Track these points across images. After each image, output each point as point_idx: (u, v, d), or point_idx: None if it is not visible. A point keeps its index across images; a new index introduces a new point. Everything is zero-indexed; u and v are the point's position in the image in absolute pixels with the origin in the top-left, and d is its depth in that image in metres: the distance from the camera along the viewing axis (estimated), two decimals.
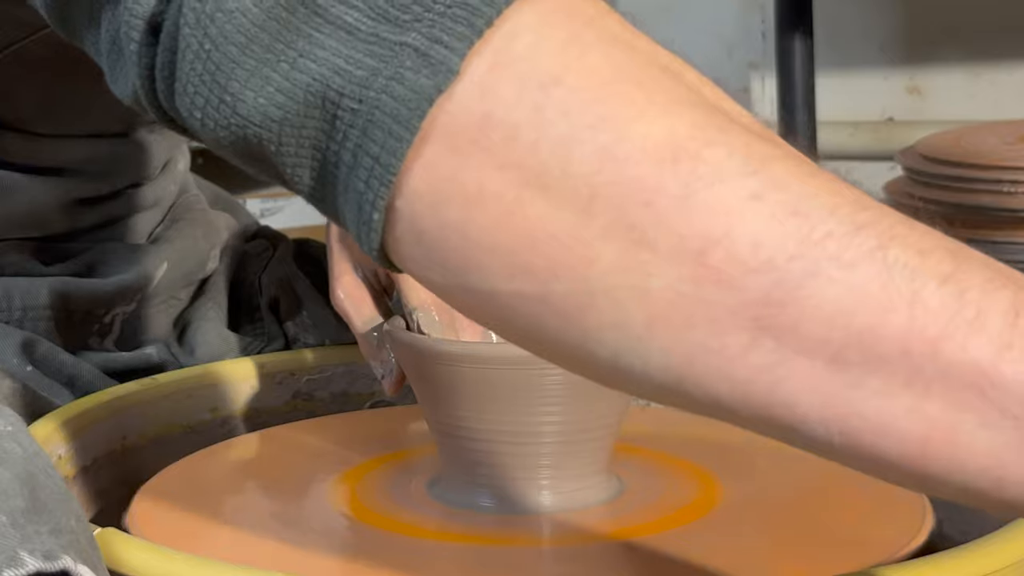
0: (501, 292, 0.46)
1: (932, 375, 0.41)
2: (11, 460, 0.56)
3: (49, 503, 0.56)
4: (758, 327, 0.43)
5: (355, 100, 0.46)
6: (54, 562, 0.52)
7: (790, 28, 1.95)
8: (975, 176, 1.45)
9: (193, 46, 0.48)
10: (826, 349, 0.42)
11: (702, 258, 0.43)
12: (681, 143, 0.44)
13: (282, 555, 0.65)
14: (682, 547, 0.65)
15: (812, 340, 0.42)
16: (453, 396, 0.69)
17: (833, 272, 0.42)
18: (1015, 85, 1.97)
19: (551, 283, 0.45)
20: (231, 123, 0.48)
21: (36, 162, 0.89)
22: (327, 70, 0.46)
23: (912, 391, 0.42)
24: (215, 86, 0.48)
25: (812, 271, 0.42)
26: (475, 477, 0.70)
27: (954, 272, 0.42)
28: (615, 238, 0.44)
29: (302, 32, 0.47)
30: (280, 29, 0.47)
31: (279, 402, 0.89)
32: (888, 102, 2.07)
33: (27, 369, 0.84)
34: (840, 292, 0.42)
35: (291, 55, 0.47)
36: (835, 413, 0.43)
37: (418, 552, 0.66)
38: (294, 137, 0.48)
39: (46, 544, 0.53)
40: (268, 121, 0.48)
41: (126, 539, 0.60)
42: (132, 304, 0.93)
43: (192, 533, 0.67)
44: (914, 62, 2.04)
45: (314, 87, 0.46)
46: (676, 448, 0.78)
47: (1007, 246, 1.44)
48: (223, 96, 0.48)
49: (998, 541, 0.58)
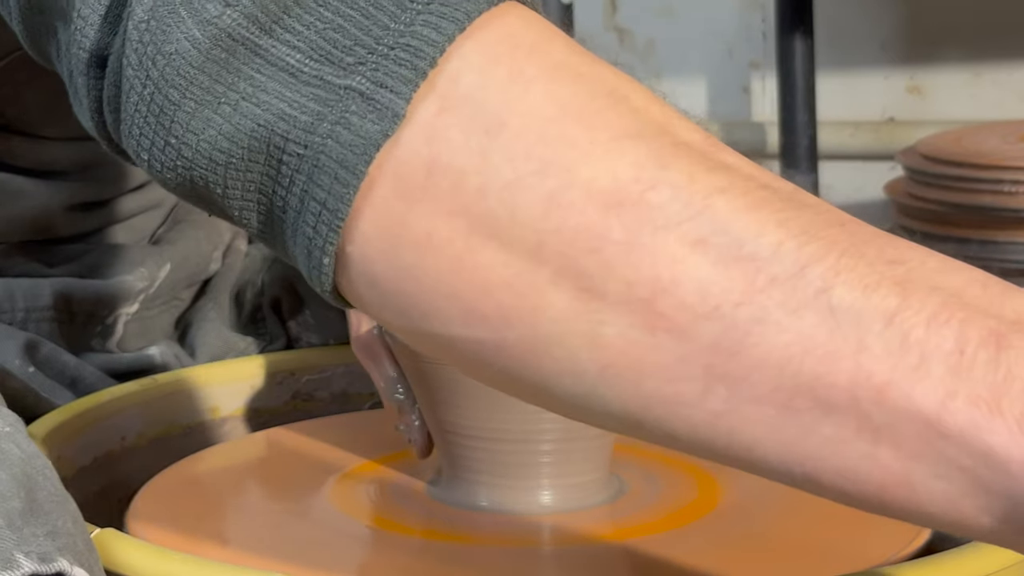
0: (459, 338, 0.46)
1: (881, 423, 0.41)
2: (8, 462, 0.56)
3: (46, 505, 0.56)
4: (710, 375, 0.43)
5: (300, 145, 0.46)
6: (50, 564, 0.52)
7: (790, 28, 1.95)
8: (976, 176, 1.45)
9: (136, 87, 0.48)
10: (777, 397, 0.42)
11: (651, 305, 0.43)
12: (624, 187, 0.44)
13: (282, 555, 0.65)
14: (682, 548, 0.65)
15: (763, 388, 0.42)
16: (453, 397, 0.69)
17: (780, 319, 0.42)
18: (1016, 85, 1.97)
19: (505, 330, 0.45)
20: (177, 165, 0.48)
21: (42, 165, 0.89)
22: (271, 115, 0.46)
23: (864, 438, 0.41)
24: (160, 128, 0.48)
25: (759, 318, 0.42)
26: (475, 477, 0.70)
27: (899, 309, 0.41)
28: (565, 285, 0.44)
29: (243, 73, 0.46)
30: (220, 71, 0.46)
31: (279, 402, 0.89)
32: (889, 102, 2.07)
33: (29, 370, 0.84)
34: (788, 340, 0.42)
35: (233, 97, 0.46)
36: (793, 457, 0.43)
37: (418, 553, 0.66)
38: (240, 180, 0.47)
39: (42, 546, 0.53)
40: (213, 164, 0.47)
41: (126, 539, 0.60)
42: (135, 305, 0.93)
43: (192, 533, 0.67)
44: (915, 62, 2.04)
45: (258, 132, 0.46)
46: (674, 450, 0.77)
47: (1007, 246, 1.44)
48: (168, 139, 0.48)
49: None
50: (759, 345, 0.42)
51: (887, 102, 2.07)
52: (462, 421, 0.69)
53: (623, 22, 2.26)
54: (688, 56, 2.22)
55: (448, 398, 0.69)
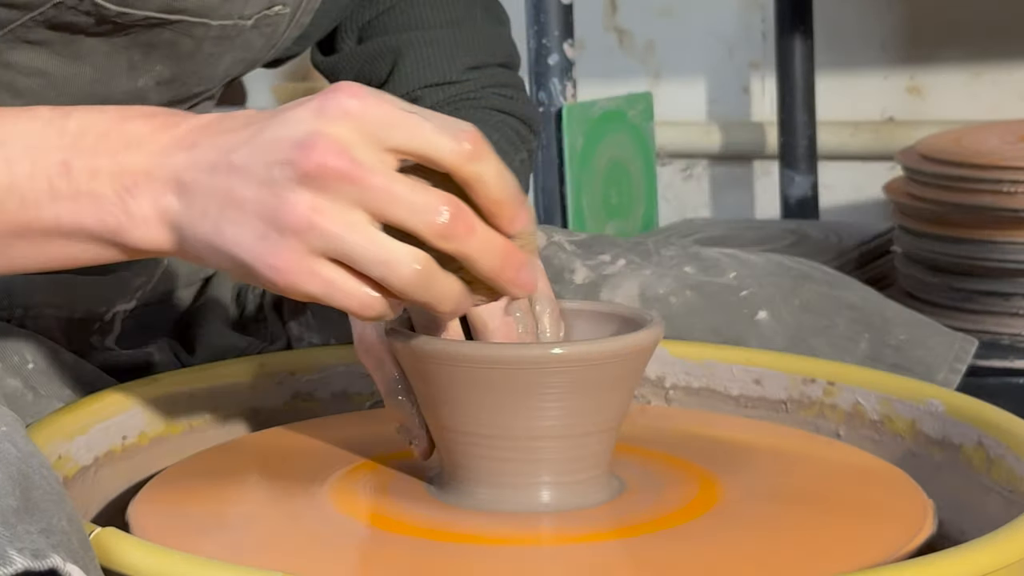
0: None
1: None
2: (5, 460, 0.57)
3: (42, 503, 0.56)
4: None
5: None
6: (43, 561, 0.52)
7: (790, 28, 1.96)
8: (975, 176, 1.46)
9: None
10: None
11: None
12: None
13: (282, 555, 0.65)
14: (682, 547, 0.65)
15: None
16: (453, 396, 0.69)
17: None
18: (1015, 85, 1.97)
19: None
20: None
21: None
22: None
23: None
24: None
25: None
26: (475, 476, 0.70)
27: None
28: None
29: None
30: None
31: (279, 402, 0.89)
32: (888, 102, 2.07)
33: (28, 368, 0.84)
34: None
35: None
36: None
37: (418, 551, 0.66)
38: None
39: (36, 543, 0.53)
40: None
41: (126, 539, 0.60)
42: (132, 302, 0.93)
43: (192, 533, 0.67)
44: (914, 62, 2.04)
45: None
46: (676, 448, 0.78)
47: (1007, 246, 1.44)
48: None
49: (998, 541, 0.58)
50: None
51: (886, 102, 2.07)
52: (462, 421, 0.69)
53: (623, 22, 2.26)
54: (688, 56, 2.22)
55: (449, 398, 0.69)
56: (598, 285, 0.92)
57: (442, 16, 0.99)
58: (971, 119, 1.92)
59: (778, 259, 0.95)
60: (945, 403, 0.76)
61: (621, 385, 0.70)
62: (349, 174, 0.59)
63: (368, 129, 0.59)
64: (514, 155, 0.99)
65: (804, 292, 0.90)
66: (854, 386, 0.81)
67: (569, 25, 1.62)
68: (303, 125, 0.60)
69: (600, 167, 1.73)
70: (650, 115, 1.85)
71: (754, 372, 0.85)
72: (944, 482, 0.74)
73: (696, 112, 2.23)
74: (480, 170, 0.60)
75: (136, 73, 0.85)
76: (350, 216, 0.59)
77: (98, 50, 0.81)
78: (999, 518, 0.68)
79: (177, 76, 0.88)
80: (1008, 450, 0.71)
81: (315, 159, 0.59)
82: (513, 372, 0.67)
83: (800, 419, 0.83)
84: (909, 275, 1.56)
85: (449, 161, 0.60)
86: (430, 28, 0.99)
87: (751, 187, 2.21)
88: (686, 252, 0.95)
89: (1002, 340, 1.46)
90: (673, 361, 0.87)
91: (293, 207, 0.59)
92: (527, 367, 0.67)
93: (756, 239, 1.75)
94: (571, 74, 1.63)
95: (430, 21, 0.99)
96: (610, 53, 2.27)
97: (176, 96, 0.89)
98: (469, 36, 1.00)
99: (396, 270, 0.59)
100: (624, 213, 1.80)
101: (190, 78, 0.89)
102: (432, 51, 0.98)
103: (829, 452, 0.78)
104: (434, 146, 0.60)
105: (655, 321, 0.71)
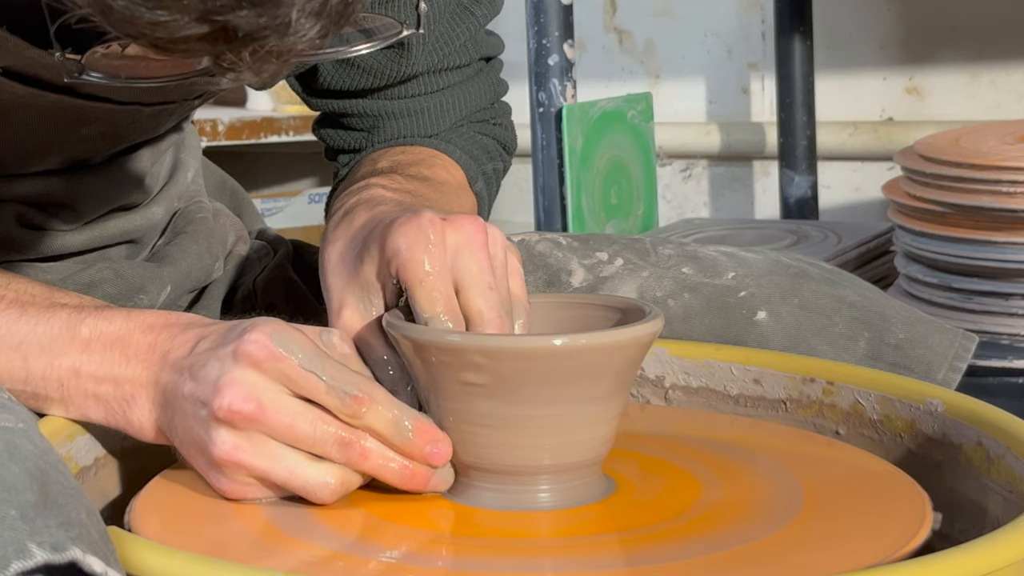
0: None
1: None
2: (22, 456, 0.58)
3: (60, 498, 0.57)
4: None
5: None
6: (62, 553, 0.53)
7: (789, 29, 1.96)
8: (974, 176, 1.46)
9: None
10: None
11: None
12: None
13: (283, 554, 0.65)
14: (679, 546, 0.65)
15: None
16: (453, 389, 0.69)
17: None
18: (1014, 85, 1.98)
19: None
20: None
21: None
22: None
23: None
24: None
25: None
26: (475, 473, 0.70)
27: None
28: None
29: None
30: None
31: None
32: (887, 102, 2.07)
33: None
34: None
35: None
36: None
37: (419, 551, 0.66)
38: None
39: (55, 536, 0.54)
40: None
41: (127, 538, 0.60)
42: None
43: (192, 533, 0.67)
44: (913, 62, 2.04)
45: None
46: (674, 447, 0.78)
47: (1006, 246, 1.45)
48: None
49: (998, 541, 0.58)
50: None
51: (885, 103, 2.07)
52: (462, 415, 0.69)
53: (623, 23, 2.27)
54: (687, 57, 2.22)
55: (451, 399, 0.69)
56: (596, 287, 0.92)
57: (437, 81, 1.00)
58: (970, 119, 1.92)
59: (776, 256, 0.95)
60: (945, 403, 0.76)
61: (621, 377, 0.70)
62: (256, 417, 0.68)
63: (273, 376, 0.68)
64: (487, 162, 1.00)
65: (803, 291, 0.90)
66: (853, 386, 0.81)
67: (569, 25, 1.62)
68: (221, 367, 0.68)
69: (600, 167, 1.73)
70: (650, 115, 1.85)
71: (753, 372, 0.85)
72: (944, 482, 0.74)
73: (696, 112, 2.24)
74: (369, 422, 0.68)
75: (77, 125, 0.86)
76: (268, 449, 0.68)
77: (33, 105, 0.82)
78: (999, 518, 0.68)
79: (119, 133, 0.90)
80: (1008, 450, 0.71)
81: (226, 404, 0.67)
82: (513, 366, 0.67)
83: (799, 419, 0.83)
84: (908, 275, 1.56)
85: (341, 415, 0.68)
86: (419, 96, 0.99)
87: (751, 187, 2.21)
88: (684, 251, 0.95)
89: (1001, 340, 1.46)
90: (672, 361, 0.87)
91: (219, 447, 0.68)
92: (527, 361, 0.67)
93: (755, 239, 1.75)
94: (571, 74, 1.64)
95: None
96: (610, 53, 2.27)
97: (125, 144, 0.92)
98: (462, 94, 1.00)
99: (315, 492, 0.69)
100: (624, 213, 1.80)
101: (133, 135, 0.92)
102: (417, 120, 0.99)
103: (829, 452, 0.78)
104: (325, 404, 0.68)
105: (655, 313, 0.71)
